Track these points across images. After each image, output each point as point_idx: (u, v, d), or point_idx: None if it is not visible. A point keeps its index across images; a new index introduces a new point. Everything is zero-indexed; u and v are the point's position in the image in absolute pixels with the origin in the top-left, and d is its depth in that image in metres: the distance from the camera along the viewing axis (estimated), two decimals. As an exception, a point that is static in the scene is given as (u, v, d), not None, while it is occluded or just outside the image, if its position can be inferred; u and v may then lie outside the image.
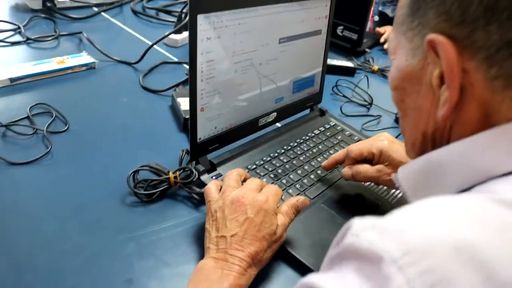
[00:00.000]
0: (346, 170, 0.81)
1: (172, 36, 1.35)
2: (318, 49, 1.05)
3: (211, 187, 0.70)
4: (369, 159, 0.80)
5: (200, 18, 0.72)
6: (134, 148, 0.90)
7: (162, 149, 0.91)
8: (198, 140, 0.80)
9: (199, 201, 0.78)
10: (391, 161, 0.78)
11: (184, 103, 1.00)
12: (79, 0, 1.53)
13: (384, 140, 0.80)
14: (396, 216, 0.35)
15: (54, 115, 0.95)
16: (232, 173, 0.71)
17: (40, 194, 0.76)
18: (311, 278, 0.36)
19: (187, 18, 1.29)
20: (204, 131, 0.81)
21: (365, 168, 0.79)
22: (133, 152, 0.89)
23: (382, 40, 1.75)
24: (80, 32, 1.33)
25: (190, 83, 0.75)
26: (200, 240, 0.69)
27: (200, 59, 0.74)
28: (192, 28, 0.72)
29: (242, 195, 0.65)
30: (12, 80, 1.04)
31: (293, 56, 0.96)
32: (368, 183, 0.87)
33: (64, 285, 0.61)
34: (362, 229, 0.35)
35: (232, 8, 0.77)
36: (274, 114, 0.96)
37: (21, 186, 0.77)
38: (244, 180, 0.72)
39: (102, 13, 1.57)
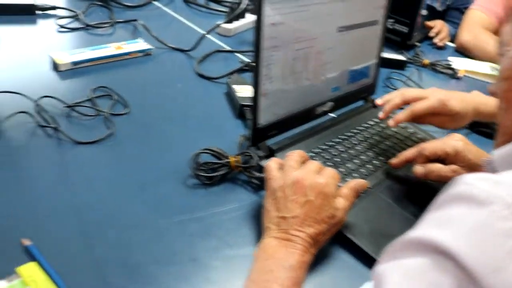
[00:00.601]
0: (419, 168, 0.81)
1: (225, 25, 1.36)
2: (374, 40, 1.05)
3: (272, 164, 0.71)
4: (442, 159, 0.80)
5: (266, 3, 0.73)
6: (191, 132, 0.91)
7: (218, 134, 0.92)
8: (258, 126, 0.81)
9: (258, 186, 0.79)
10: (467, 162, 0.78)
11: (239, 90, 1.01)
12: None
13: (459, 141, 0.80)
14: (507, 174, 0.40)
15: (115, 98, 0.97)
16: (294, 153, 0.72)
17: (105, 172, 0.78)
18: (424, 233, 0.41)
19: (240, 8, 1.30)
20: (264, 117, 0.82)
21: (438, 167, 0.79)
22: (190, 136, 0.90)
23: (431, 34, 1.73)
24: (135, 20, 1.35)
25: (254, 69, 0.76)
26: (260, 222, 0.70)
27: (264, 45, 0.75)
28: (258, 13, 0.72)
29: (303, 177, 0.66)
30: (74, 63, 1.07)
31: (350, 46, 0.96)
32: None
33: (132, 260, 0.63)
34: (477, 179, 0.39)
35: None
36: (330, 103, 0.97)
37: (87, 164, 0.79)
38: (303, 163, 0.72)
39: (154, 2, 1.59)
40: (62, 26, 1.29)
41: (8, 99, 0.89)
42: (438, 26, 1.75)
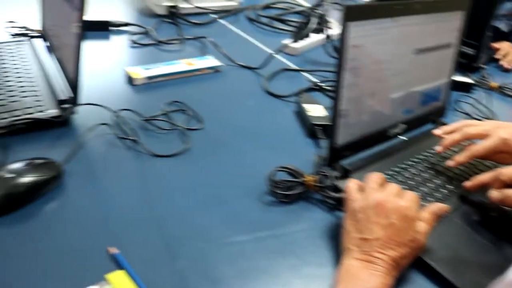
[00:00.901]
0: (495, 193, 0.79)
1: (292, 44, 1.37)
2: (447, 63, 1.04)
3: (352, 185, 0.71)
4: None
5: (351, 25, 0.74)
6: (263, 149, 0.92)
7: (289, 152, 0.93)
8: (335, 145, 0.81)
9: (333, 206, 0.79)
10: None
11: (310, 110, 1.02)
12: (200, 7, 1.58)
13: None
14: None
15: (189, 113, 0.99)
16: (374, 175, 0.72)
17: (183, 186, 0.80)
18: None
19: (309, 28, 1.32)
20: (341, 137, 0.82)
21: None
22: (263, 152, 0.91)
23: (498, 56, 1.69)
24: (204, 37, 1.38)
25: (335, 89, 0.77)
26: (338, 243, 0.71)
27: (345, 66, 0.76)
28: (342, 35, 0.73)
29: (385, 199, 0.66)
30: (148, 78, 1.10)
31: (424, 68, 0.96)
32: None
33: (214, 273, 0.64)
34: None
35: (379, 17, 0.78)
36: (402, 125, 0.96)
37: (165, 177, 0.81)
38: (382, 186, 0.72)
39: (220, 20, 1.62)
40: (134, 42, 1.33)
41: (90, 110, 0.93)
42: (505, 48, 1.72)
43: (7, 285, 0.58)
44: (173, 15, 1.55)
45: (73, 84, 0.88)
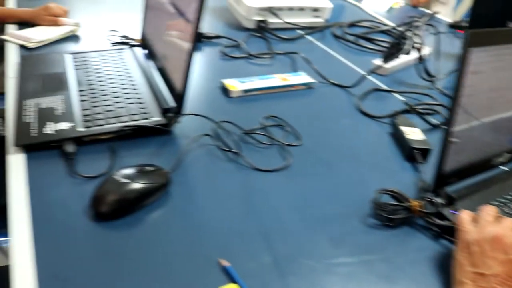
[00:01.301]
0: None
1: (383, 64, 1.36)
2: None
3: (465, 216, 0.70)
4: None
5: (473, 51, 0.72)
6: (362, 170, 0.92)
7: (388, 174, 0.92)
8: (442, 172, 0.79)
9: (438, 233, 0.77)
10: None
11: (408, 132, 1.00)
12: (288, 22, 1.60)
13: None
14: None
15: (287, 129, 1.00)
16: (489, 208, 0.70)
17: (287, 202, 0.80)
18: None
19: (404, 50, 1.30)
20: (449, 164, 0.80)
21: None
22: (362, 173, 0.91)
23: None
24: (295, 53, 1.39)
25: (448, 115, 0.75)
26: (444, 273, 0.69)
27: (462, 93, 0.74)
28: (462, 60, 0.72)
29: (503, 234, 0.64)
30: (245, 91, 1.11)
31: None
32: None
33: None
34: None
35: (503, 43, 0.76)
36: (508, 154, 0.93)
37: (268, 191, 0.82)
38: (496, 219, 0.70)
39: (307, 36, 1.63)
40: (225, 54, 1.35)
41: (191, 120, 0.95)
42: None
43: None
44: (261, 30, 1.56)
45: (179, 94, 0.90)
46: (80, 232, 0.69)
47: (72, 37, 1.37)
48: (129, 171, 0.76)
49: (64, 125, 0.88)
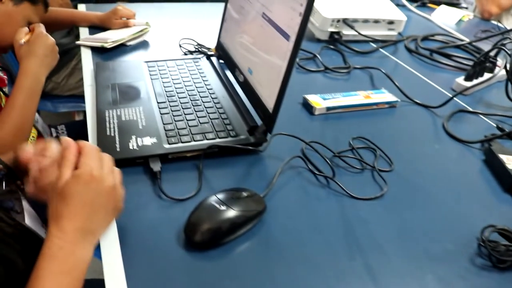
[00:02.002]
0: None
1: (465, 83, 1.28)
2: None
3: None
4: None
5: None
6: (460, 200, 0.85)
7: (488, 207, 0.85)
8: None
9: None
10: None
11: (508, 162, 0.93)
12: (363, 35, 1.53)
13: None
14: None
15: (376, 152, 0.94)
16: None
17: (386, 234, 0.74)
18: None
19: (489, 67, 1.22)
20: None
21: None
22: (460, 204, 0.84)
23: None
24: (376, 68, 1.33)
25: None
26: None
27: None
28: None
29: None
30: (328, 109, 1.06)
31: None
32: None
33: None
34: None
35: None
36: None
37: (367, 221, 0.77)
38: None
39: (381, 49, 1.56)
40: (302, 67, 1.30)
41: (278, 139, 0.90)
42: None
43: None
44: (335, 41, 1.50)
45: (269, 112, 0.85)
46: (171, 259, 0.65)
47: (144, 44, 1.35)
48: (223, 196, 0.72)
49: (148, 140, 0.85)
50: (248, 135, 0.89)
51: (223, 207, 0.69)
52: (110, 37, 1.26)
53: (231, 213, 0.68)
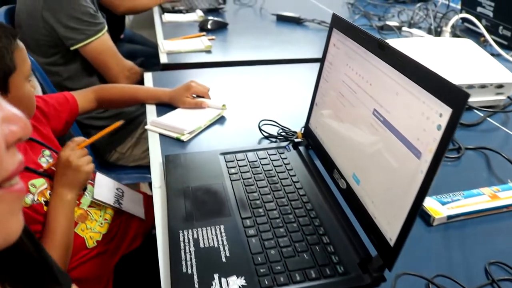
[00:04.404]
0: None
1: None
2: None
3: None
4: None
5: None
6: None
7: None
8: None
9: None
10: None
11: None
12: (469, 105, 1.30)
13: None
14: None
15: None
16: None
17: None
18: None
19: None
20: None
21: None
22: None
23: None
24: (493, 150, 1.10)
25: None
26: None
27: None
28: None
29: None
30: (449, 217, 0.84)
31: None
32: None
33: None
34: None
35: None
36: None
37: None
38: None
39: (488, 119, 1.33)
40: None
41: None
42: None
43: None
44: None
45: (387, 242, 0.65)
46: None
47: (218, 124, 1.18)
48: None
49: (235, 282, 0.66)
50: (360, 271, 0.69)
51: None
52: (186, 127, 1.10)
53: None
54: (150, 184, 2.03)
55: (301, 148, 1.02)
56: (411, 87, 0.65)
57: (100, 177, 1.10)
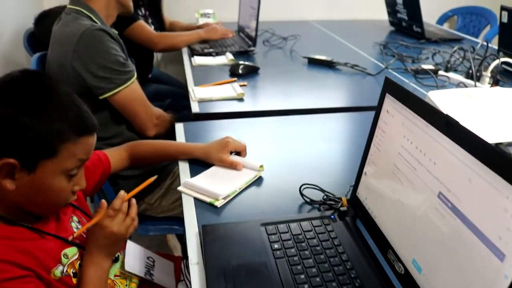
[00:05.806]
0: None
1: None
2: None
3: None
4: None
5: None
6: None
7: None
8: None
9: None
10: None
11: None
12: None
13: None
14: None
15: None
16: None
17: None
18: None
19: None
20: None
21: None
22: None
23: None
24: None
25: None
26: None
27: None
28: None
29: None
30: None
31: None
32: None
33: None
34: None
35: None
36: None
37: None
38: None
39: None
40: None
41: None
42: None
43: None
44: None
45: None
46: None
47: (255, 187, 1.11)
48: None
49: None
50: None
51: None
52: (220, 191, 1.03)
53: None
54: (177, 236, 1.97)
55: (348, 219, 0.94)
56: (489, 177, 0.57)
57: (131, 246, 1.03)
